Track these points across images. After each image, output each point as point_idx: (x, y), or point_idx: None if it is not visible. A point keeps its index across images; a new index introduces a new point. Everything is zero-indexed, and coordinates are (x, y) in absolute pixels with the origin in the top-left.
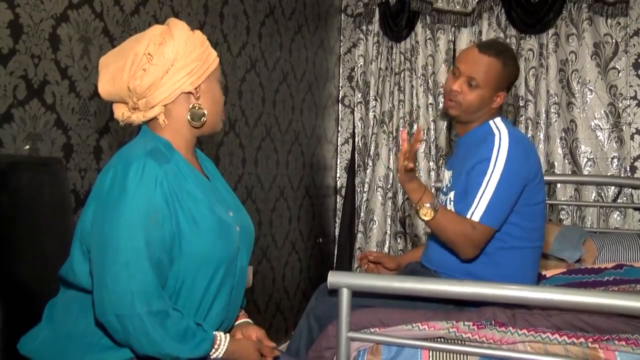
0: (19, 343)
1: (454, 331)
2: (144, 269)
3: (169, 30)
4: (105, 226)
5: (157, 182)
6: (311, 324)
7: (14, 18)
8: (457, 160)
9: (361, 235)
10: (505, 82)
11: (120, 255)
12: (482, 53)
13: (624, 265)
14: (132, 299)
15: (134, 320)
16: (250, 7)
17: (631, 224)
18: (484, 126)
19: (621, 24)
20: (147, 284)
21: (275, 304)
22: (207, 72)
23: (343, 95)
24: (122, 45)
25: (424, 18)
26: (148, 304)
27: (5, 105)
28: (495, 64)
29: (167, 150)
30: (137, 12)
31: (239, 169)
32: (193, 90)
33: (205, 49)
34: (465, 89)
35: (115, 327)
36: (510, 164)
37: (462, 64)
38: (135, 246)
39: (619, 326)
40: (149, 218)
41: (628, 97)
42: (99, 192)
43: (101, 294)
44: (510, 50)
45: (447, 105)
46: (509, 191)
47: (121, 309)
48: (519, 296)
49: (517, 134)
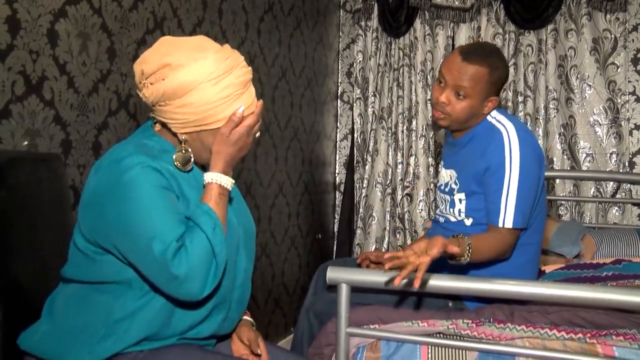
0: (19, 338)
1: (452, 328)
2: (172, 224)
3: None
4: (120, 218)
5: (156, 171)
6: (311, 321)
7: (12, 13)
8: (460, 160)
9: (360, 231)
10: (494, 88)
11: (148, 230)
12: (466, 62)
13: (622, 261)
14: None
15: (187, 249)
16: (249, 3)
17: (630, 220)
18: (483, 124)
19: (620, 20)
20: (173, 227)
21: (274, 299)
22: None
23: (342, 91)
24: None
25: (423, 14)
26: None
27: (4, 101)
28: (481, 72)
29: (163, 151)
30: (135, 8)
31: (238, 165)
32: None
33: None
34: (453, 100)
35: (184, 269)
36: (525, 163)
37: (448, 73)
38: (155, 213)
39: (617, 322)
40: (162, 191)
41: (627, 92)
42: (95, 191)
43: (153, 271)
44: (496, 52)
45: (436, 117)
46: (530, 189)
47: (170, 269)
48: (517, 291)
49: (523, 128)
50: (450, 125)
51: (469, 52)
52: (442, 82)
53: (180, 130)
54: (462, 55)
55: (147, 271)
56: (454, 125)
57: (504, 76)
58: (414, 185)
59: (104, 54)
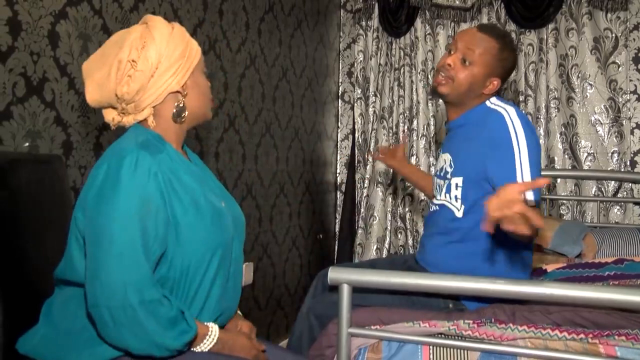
0: (17, 343)
1: (454, 329)
2: (138, 260)
3: (148, 31)
4: (99, 219)
5: (150, 173)
6: (312, 322)
7: (13, 15)
8: (455, 144)
9: (361, 231)
10: (500, 67)
11: (114, 247)
12: (481, 32)
13: (624, 260)
14: (125, 290)
15: (126, 311)
16: (250, 3)
17: (631, 219)
18: (480, 107)
19: (621, 18)
20: (141, 274)
21: (275, 300)
22: (192, 68)
23: (343, 91)
24: (104, 49)
25: (424, 13)
26: (140, 294)
27: (5, 102)
28: (492, 44)
29: (158, 142)
30: (136, 9)
31: (239, 166)
32: (180, 89)
33: (186, 45)
34: (458, 65)
35: (106, 320)
36: (531, 141)
37: (460, 40)
38: (130, 237)
39: (619, 322)
40: (143, 209)
41: (628, 91)
42: (91, 185)
43: (94, 287)
44: (510, 37)
45: (437, 81)
46: (539, 166)
47: (113, 301)
48: (518, 291)
49: (522, 113)
50: (449, 93)
51: (486, 26)
52: (453, 50)
53: (176, 88)
54: (479, 27)
55: (92, 278)
56: (453, 93)
57: (511, 60)
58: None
59: None
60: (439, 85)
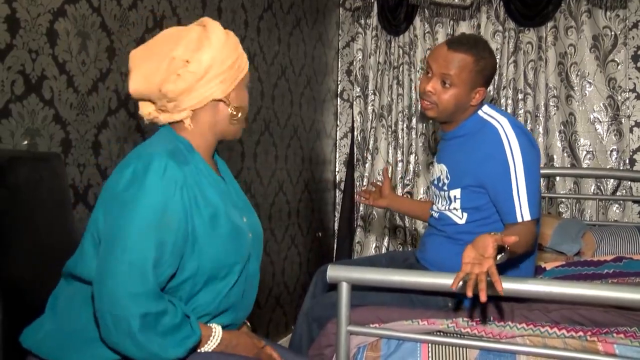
0: (21, 335)
1: (452, 326)
2: (146, 272)
3: (206, 34)
4: (118, 222)
5: (176, 186)
6: (310, 325)
7: (11, 13)
8: (451, 155)
9: (360, 229)
10: (480, 77)
11: (126, 255)
12: (452, 50)
13: (623, 258)
14: (129, 301)
15: (129, 322)
16: (249, 1)
17: (630, 217)
18: (473, 118)
19: (620, 17)
20: (146, 287)
21: (275, 298)
22: (238, 79)
23: (342, 89)
24: (156, 42)
25: (423, 11)
26: (144, 307)
27: (3, 100)
28: (466, 60)
29: (188, 151)
30: (134, 7)
31: (238, 164)
32: (224, 98)
33: (239, 55)
34: (439, 89)
35: (109, 326)
36: (526, 154)
37: (434, 63)
38: (144, 247)
39: (617, 320)
40: (164, 221)
41: (627, 89)
42: (115, 186)
43: (100, 291)
44: (482, 43)
45: (424, 107)
46: (536, 179)
47: (117, 310)
48: (518, 289)
49: (515, 121)
50: (438, 116)
51: (455, 42)
52: (429, 73)
53: (220, 96)
54: (448, 45)
55: (100, 281)
56: (442, 115)
57: (490, 66)
58: (414, 183)
59: (104, 53)
60: (426, 110)
